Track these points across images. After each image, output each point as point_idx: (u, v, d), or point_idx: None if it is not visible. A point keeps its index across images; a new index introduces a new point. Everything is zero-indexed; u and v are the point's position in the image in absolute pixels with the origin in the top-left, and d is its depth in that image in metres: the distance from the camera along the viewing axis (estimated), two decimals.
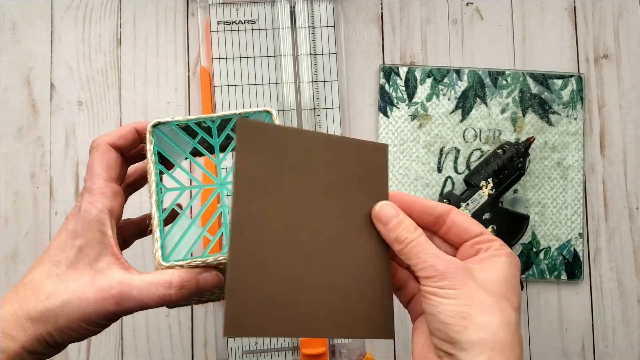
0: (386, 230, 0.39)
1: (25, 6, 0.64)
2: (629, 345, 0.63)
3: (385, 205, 0.40)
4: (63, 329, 0.36)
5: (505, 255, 0.39)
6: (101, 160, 0.39)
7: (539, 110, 0.64)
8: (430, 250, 0.37)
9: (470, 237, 0.40)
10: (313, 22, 0.63)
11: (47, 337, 0.36)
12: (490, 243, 0.39)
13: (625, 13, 0.66)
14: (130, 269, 0.37)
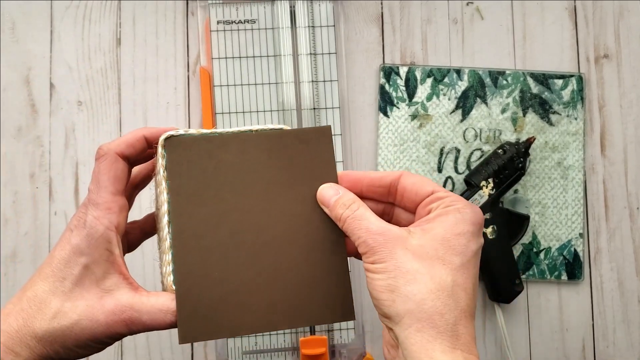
0: (329, 211, 0.39)
1: (25, 6, 0.64)
2: (629, 345, 0.63)
3: (324, 187, 0.39)
4: (71, 347, 0.36)
5: (454, 211, 0.36)
6: (108, 171, 0.38)
7: (539, 110, 0.64)
8: (363, 224, 0.36)
9: (421, 198, 0.38)
10: (313, 22, 0.63)
11: (53, 355, 0.36)
12: (440, 200, 0.37)
13: (626, 13, 0.66)
14: (139, 289, 0.38)
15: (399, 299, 0.33)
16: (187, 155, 0.39)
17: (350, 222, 0.37)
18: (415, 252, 0.35)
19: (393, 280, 0.34)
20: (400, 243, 0.35)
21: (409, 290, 0.33)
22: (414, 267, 0.34)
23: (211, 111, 0.62)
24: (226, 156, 0.39)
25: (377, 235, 0.35)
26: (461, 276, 0.35)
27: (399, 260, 0.34)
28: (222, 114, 0.62)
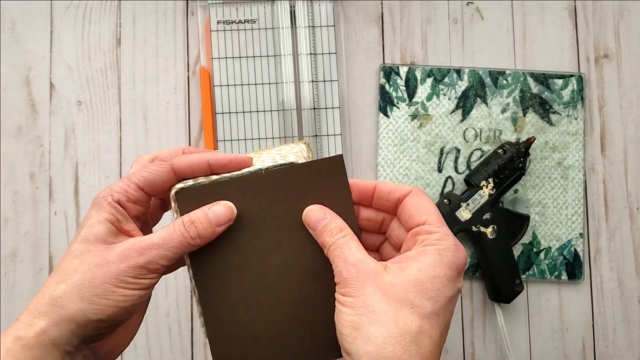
0: (315, 235, 0.38)
1: (25, 6, 0.64)
2: (629, 345, 0.63)
3: (310, 210, 0.38)
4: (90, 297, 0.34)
5: (434, 251, 0.35)
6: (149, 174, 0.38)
7: (539, 110, 0.64)
8: (343, 253, 0.35)
9: (413, 224, 0.37)
10: (313, 22, 0.63)
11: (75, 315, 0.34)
12: (427, 235, 0.36)
13: (626, 13, 0.66)
14: None
15: (360, 338, 0.32)
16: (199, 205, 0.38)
17: (332, 249, 0.36)
18: (385, 292, 0.33)
19: (358, 318, 0.33)
20: (373, 279, 0.34)
21: (371, 331, 0.32)
22: (381, 308, 0.33)
23: (211, 111, 0.62)
24: (239, 201, 0.38)
25: (351, 267, 0.34)
26: (429, 323, 0.33)
27: (368, 297, 0.33)
28: (222, 113, 0.62)
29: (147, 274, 0.35)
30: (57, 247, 0.62)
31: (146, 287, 0.35)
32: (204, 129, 0.62)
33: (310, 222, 0.38)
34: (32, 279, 0.62)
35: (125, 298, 0.34)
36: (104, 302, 0.34)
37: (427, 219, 0.37)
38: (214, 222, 0.37)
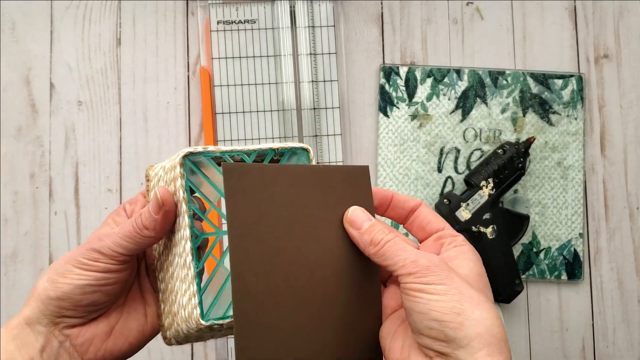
0: (359, 234, 0.38)
1: (25, 6, 0.64)
2: (629, 345, 0.63)
3: (356, 209, 0.39)
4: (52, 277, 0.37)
5: (471, 251, 0.38)
6: None
7: (539, 110, 0.64)
8: (409, 247, 0.36)
9: (432, 230, 0.40)
10: (313, 22, 0.63)
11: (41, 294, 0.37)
12: (453, 238, 0.39)
13: (626, 13, 0.66)
14: None
15: (468, 322, 0.33)
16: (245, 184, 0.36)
17: (391, 245, 0.36)
18: (467, 281, 0.35)
19: (459, 304, 0.33)
20: (453, 270, 0.35)
21: (477, 314, 0.33)
22: (474, 295, 0.34)
23: (211, 111, 0.62)
24: (277, 189, 0.37)
25: (431, 257, 0.35)
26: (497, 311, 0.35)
27: (460, 285, 0.34)
28: (222, 114, 0.62)
29: (101, 258, 0.37)
30: (57, 247, 0.62)
31: (101, 270, 0.37)
32: (204, 129, 0.62)
33: (357, 220, 0.38)
34: (32, 279, 0.62)
35: (78, 277, 0.37)
36: (61, 280, 0.37)
37: (444, 225, 0.40)
38: (152, 210, 0.37)
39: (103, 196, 0.63)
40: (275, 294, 0.37)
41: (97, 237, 0.38)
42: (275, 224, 0.37)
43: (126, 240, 0.37)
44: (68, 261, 0.37)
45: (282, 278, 0.37)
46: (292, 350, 0.37)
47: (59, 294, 0.37)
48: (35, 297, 0.37)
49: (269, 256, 0.37)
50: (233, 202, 0.36)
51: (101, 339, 0.39)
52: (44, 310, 0.37)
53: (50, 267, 0.38)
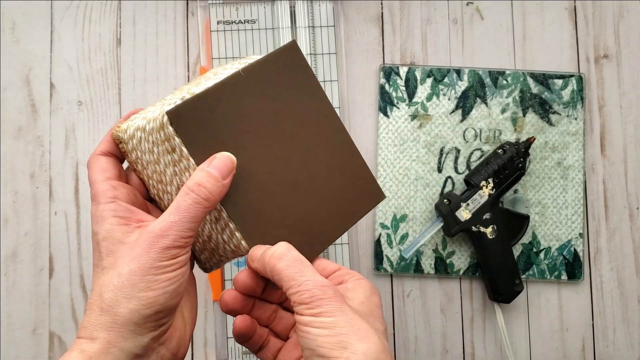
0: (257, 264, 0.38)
1: (25, 6, 0.64)
2: (629, 345, 0.63)
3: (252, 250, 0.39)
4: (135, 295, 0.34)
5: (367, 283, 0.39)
6: (93, 169, 0.40)
7: (539, 110, 0.64)
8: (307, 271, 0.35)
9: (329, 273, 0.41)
10: (313, 22, 0.63)
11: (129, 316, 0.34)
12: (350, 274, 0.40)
13: (626, 13, 0.66)
14: None
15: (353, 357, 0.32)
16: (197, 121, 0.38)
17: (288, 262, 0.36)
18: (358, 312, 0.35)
19: (345, 337, 0.33)
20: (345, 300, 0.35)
21: (364, 348, 0.33)
22: (363, 326, 0.34)
23: None
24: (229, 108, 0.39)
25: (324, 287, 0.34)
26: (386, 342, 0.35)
27: (349, 317, 0.34)
28: None
29: (178, 252, 0.35)
30: (57, 247, 0.62)
31: (183, 263, 0.36)
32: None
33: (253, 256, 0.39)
34: (32, 279, 0.62)
35: (169, 282, 0.35)
36: (151, 294, 0.34)
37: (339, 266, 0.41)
38: (219, 176, 0.37)
39: None
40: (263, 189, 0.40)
41: (157, 236, 0.35)
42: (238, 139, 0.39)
43: (193, 221, 0.36)
44: (144, 273, 0.34)
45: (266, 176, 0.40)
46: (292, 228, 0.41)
47: (155, 307, 0.34)
48: (122, 322, 0.34)
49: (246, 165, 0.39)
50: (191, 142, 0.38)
51: (183, 331, 0.39)
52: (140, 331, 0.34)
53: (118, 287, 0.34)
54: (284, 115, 0.41)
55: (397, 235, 0.63)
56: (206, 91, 0.38)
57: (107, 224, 0.37)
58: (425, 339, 0.63)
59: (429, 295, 0.63)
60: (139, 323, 0.34)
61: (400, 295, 0.63)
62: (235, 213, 0.39)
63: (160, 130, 0.38)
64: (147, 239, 0.35)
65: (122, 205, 0.38)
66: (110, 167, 0.40)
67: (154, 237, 0.35)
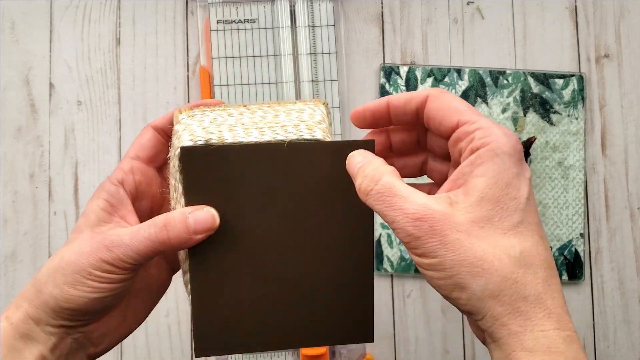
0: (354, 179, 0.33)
1: (25, 6, 0.64)
2: (630, 345, 0.63)
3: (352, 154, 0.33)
4: (60, 285, 0.34)
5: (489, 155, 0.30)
6: (136, 141, 0.39)
7: (540, 109, 0.64)
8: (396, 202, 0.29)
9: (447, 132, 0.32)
10: (313, 21, 0.63)
11: (48, 299, 0.34)
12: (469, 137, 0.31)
13: (627, 12, 0.66)
14: None
15: (474, 297, 0.28)
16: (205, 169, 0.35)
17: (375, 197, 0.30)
18: (470, 233, 0.28)
19: (458, 278, 0.28)
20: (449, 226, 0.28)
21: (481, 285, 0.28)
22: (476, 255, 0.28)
23: None
24: (250, 170, 0.35)
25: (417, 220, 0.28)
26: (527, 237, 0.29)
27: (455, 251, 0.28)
28: None
29: (115, 270, 0.34)
30: (56, 247, 0.62)
31: (116, 281, 0.34)
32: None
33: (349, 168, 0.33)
34: (31, 279, 0.62)
35: (93, 290, 0.34)
36: (74, 292, 0.34)
37: (459, 118, 0.31)
38: (191, 229, 0.34)
39: None
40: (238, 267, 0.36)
41: (104, 246, 0.34)
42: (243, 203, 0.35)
43: (139, 254, 0.34)
44: (77, 270, 0.34)
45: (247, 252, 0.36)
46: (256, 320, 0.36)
47: (72, 305, 0.34)
48: (42, 301, 0.34)
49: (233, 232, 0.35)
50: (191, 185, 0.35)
51: (116, 328, 0.38)
52: (54, 316, 0.34)
53: (54, 269, 0.34)
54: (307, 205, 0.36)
55: None
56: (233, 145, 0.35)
57: (96, 202, 0.37)
58: (426, 339, 0.63)
59: (429, 295, 0.63)
60: (55, 309, 0.34)
61: (401, 295, 0.63)
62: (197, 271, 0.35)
63: (175, 156, 0.36)
64: (97, 242, 0.34)
65: (119, 194, 0.37)
66: (150, 146, 0.39)
67: (101, 245, 0.34)
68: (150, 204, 0.40)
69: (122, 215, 0.37)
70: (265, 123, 0.37)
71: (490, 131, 0.30)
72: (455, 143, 0.32)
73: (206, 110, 0.38)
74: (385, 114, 0.35)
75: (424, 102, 0.33)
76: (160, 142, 0.39)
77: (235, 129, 0.36)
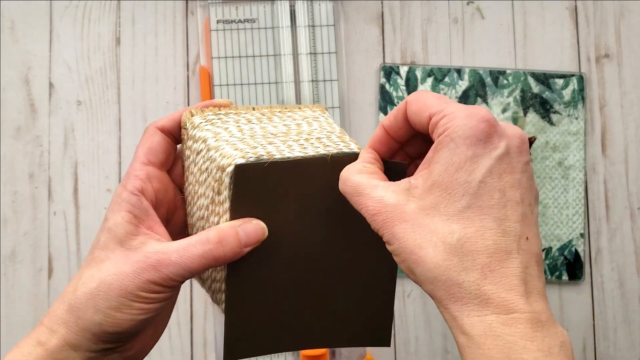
0: None
1: (24, 5, 0.64)
2: (630, 345, 0.63)
3: None
4: (104, 310, 0.33)
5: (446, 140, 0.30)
6: (144, 144, 0.37)
7: (540, 109, 0.64)
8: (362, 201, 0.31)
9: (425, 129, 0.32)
10: (313, 21, 0.63)
11: (90, 326, 0.33)
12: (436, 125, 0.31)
13: (627, 12, 0.66)
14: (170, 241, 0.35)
15: (419, 282, 0.30)
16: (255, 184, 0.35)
17: (350, 198, 0.32)
18: (414, 222, 0.29)
19: (405, 264, 0.30)
20: (398, 217, 0.30)
21: (419, 272, 0.29)
22: (415, 243, 0.29)
23: None
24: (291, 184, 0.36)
25: (375, 215, 0.31)
26: (473, 222, 0.29)
27: (402, 239, 0.29)
28: None
29: (163, 290, 0.33)
30: (56, 247, 0.62)
31: (163, 300, 0.34)
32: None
33: None
34: (31, 279, 0.62)
35: (140, 312, 0.33)
36: (119, 316, 0.33)
37: (429, 112, 0.31)
38: (242, 243, 0.34)
39: (102, 196, 0.63)
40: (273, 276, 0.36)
41: (151, 266, 0.33)
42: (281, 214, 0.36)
43: (190, 271, 0.33)
44: (122, 294, 0.32)
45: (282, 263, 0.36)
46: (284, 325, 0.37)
47: (118, 329, 0.33)
48: (83, 327, 0.33)
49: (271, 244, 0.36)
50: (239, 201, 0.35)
51: (149, 343, 0.37)
52: (96, 341, 0.33)
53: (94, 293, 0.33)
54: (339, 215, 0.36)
55: None
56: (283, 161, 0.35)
57: (119, 215, 0.35)
58: (426, 339, 0.63)
59: None
60: (98, 335, 0.33)
61: (401, 295, 0.63)
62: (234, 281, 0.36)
63: (219, 170, 0.36)
64: (139, 261, 0.33)
65: (142, 204, 0.36)
66: (160, 151, 0.38)
67: (145, 265, 0.33)
68: (166, 211, 0.39)
69: (149, 227, 0.36)
70: (297, 134, 0.38)
71: (452, 116, 0.30)
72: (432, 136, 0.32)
73: (220, 113, 0.39)
74: (388, 138, 0.36)
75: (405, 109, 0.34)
76: (170, 144, 0.39)
77: (275, 143, 0.37)
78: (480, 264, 0.29)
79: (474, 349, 0.28)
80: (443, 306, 0.30)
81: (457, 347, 0.30)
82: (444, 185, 0.29)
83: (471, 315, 0.28)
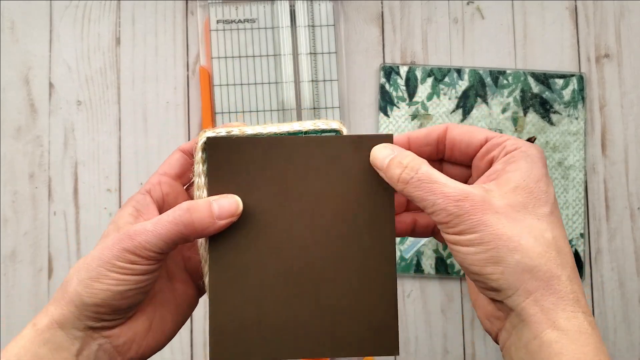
0: (383, 174, 0.34)
1: (24, 5, 0.64)
2: (630, 345, 0.63)
3: (377, 147, 0.35)
4: (84, 280, 0.34)
5: (521, 155, 0.33)
6: (165, 161, 0.40)
7: (540, 109, 0.64)
8: (436, 188, 0.32)
9: (475, 149, 0.35)
10: (313, 21, 0.63)
11: (73, 297, 0.34)
12: (500, 147, 0.34)
13: (627, 12, 0.66)
14: None
15: (508, 271, 0.30)
16: (229, 160, 0.35)
17: (415, 184, 0.32)
18: (506, 214, 0.31)
19: (495, 252, 0.30)
20: (488, 208, 0.31)
21: (517, 259, 0.30)
22: (514, 232, 0.30)
23: (211, 111, 0.62)
24: (271, 162, 0.35)
25: (459, 201, 0.31)
26: (555, 226, 0.31)
27: (494, 227, 0.30)
28: (222, 113, 0.62)
29: (138, 260, 0.34)
30: (56, 247, 0.62)
31: (140, 272, 0.34)
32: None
33: (377, 160, 0.35)
34: (31, 279, 0.62)
35: (117, 282, 0.34)
36: (97, 285, 0.34)
37: (486, 135, 0.35)
38: (217, 214, 0.35)
39: (102, 196, 0.63)
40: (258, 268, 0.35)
41: (127, 235, 0.34)
42: (263, 198, 0.35)
43: (162, 240, 0.34)
44: (100, 264, 0.34)
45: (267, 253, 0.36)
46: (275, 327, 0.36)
47: (96, 300, 0.34)
48: (67, 300, 0.34)
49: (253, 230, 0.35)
50: (214, 176, 0.35)
51: (142, 336, 0.37)
52: (79, 315, 0.34)
53: (79, 266, 0.34)
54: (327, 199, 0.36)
55: None
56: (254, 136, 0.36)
57: (125, 210, 0.37)
58: (426, 339, 0.63)
59: (429, 295, 0.63)
60: (79, 307, 0.34)
61: (401, 295, 0.63)
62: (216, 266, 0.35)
63: (199, 150, 0.37)
64: (121, 234, 0.34)
65: (146, 200, 0.38)
66: (177, 165, 0.40)
67: (124, 236, 0.34)
68: None
69: (147, 218, 0.37)
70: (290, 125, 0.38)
71: (516, 140, 0.34)
72: (484, 155, 0.35)
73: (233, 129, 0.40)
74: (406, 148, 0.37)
75: (444, 131, 0.36)
76: (188, 162, 0.40)
77: (256, 128, 0.37)
78: (570, 264, 0.31)
79: (566, 343, 0.29)
80: (534, 298, 0.30)
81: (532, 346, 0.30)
82: (529, 189, 0.32)
83: (567, 310, 0.30)
